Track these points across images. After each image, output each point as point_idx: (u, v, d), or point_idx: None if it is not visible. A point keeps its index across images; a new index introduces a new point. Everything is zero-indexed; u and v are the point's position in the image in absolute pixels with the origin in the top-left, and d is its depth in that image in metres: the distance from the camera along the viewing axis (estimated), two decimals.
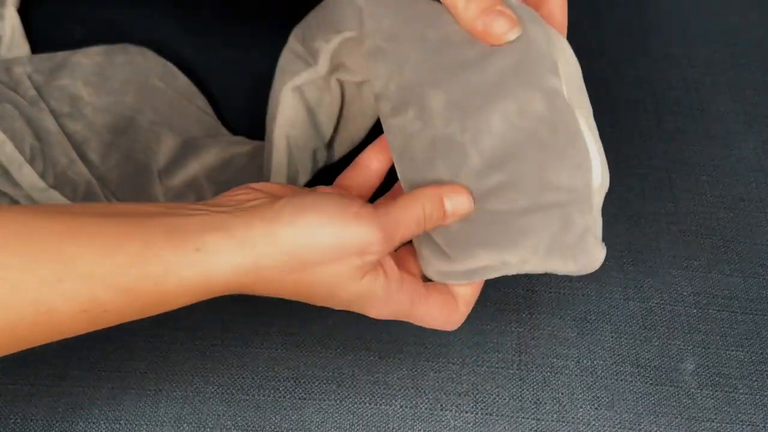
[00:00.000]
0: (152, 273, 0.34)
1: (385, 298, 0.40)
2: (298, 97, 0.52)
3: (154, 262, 0.34)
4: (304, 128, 0.53)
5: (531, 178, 0.39)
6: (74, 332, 0.35)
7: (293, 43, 0.51)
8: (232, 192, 0.39)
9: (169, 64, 0.62)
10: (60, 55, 0.58)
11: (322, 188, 0.43)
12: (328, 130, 0.56)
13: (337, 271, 0.37)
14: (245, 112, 0.63)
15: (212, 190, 0.56)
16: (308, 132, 0.54)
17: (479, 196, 0.40)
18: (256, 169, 0.57)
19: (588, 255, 0.40)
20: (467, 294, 0.44)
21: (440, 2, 0.42)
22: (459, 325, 0.44)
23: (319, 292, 0.38)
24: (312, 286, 0.38)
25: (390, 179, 0.48)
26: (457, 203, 0.40)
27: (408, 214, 0.39)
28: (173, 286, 0.34)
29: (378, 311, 0.41)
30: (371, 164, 0.46)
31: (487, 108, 0.39)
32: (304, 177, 0.56)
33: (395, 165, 0.44)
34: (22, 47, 0.61)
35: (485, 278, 0.42)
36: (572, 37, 0.70)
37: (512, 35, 0.40)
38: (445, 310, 0.43)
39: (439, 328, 0.44)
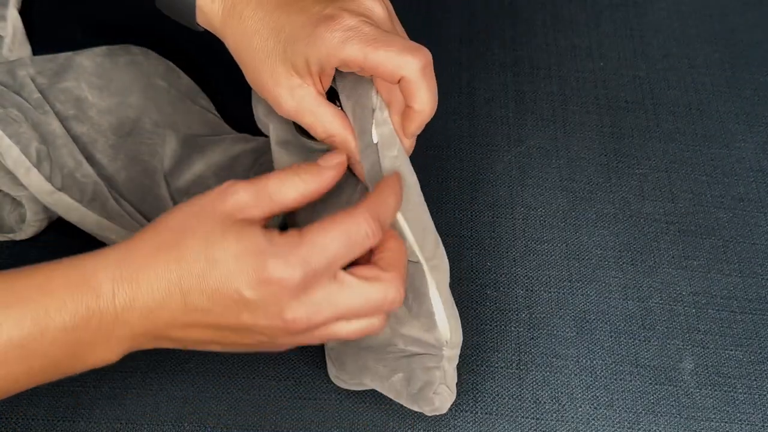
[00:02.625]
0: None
1: (278, 251, 0.38)
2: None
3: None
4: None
5: (389, 327, 0.46)
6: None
7: None
8: None
9: (171, 64, 0.62)
10: (63, 56, 0.58)
11: None
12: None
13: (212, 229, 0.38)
14: (248, 110, 0.63)
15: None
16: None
17: None
18: (261, 167, 0.57)
19: (430, 404, 0.46)
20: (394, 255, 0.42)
21: None
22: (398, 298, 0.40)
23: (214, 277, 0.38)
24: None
25: None
26: None
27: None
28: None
29: (284, 272, 0.37)
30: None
31: None
32: None
33: None
34: (24, 48, 0.61)
35: None
36: (573, 38, 0.71)
37: None
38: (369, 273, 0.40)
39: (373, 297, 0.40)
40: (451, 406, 0.50)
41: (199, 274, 0.38)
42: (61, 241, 0.55)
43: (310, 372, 0.51)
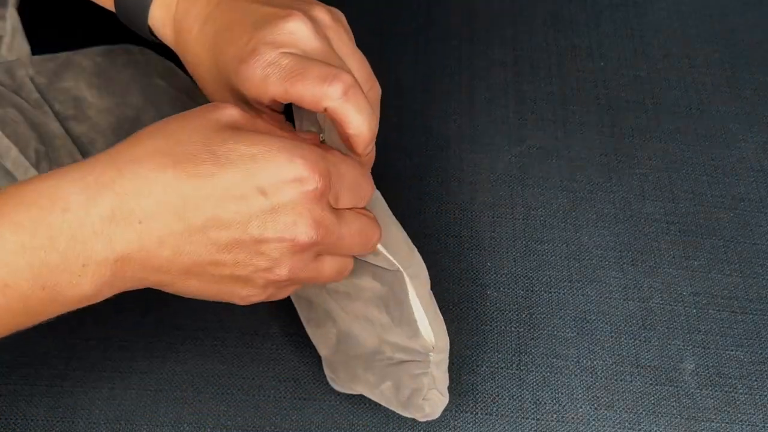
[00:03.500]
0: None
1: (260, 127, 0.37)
2: None
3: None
4: None
5: (375, 335, 0.47)
6: None
7: None
8: None
9: (170, 63, 0.62)
10: (62, 56, 0.58)
11: None
12: None
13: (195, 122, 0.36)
14: None
15: None
16: None
17: (340, 337, 0.48)
18: None
19: (420, 411, 0.45)
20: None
21: None
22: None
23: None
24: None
25: None
26: None
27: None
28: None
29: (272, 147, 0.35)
30: None
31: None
32: None
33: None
34: (23, 47, 0.61)
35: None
36: (573, 37, 0.71)
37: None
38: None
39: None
40: (451, 406, 0.50)
41: (206, 174, 0.34)
42: None
43: (309, 373, 0.51)
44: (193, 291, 0.38)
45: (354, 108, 0.40)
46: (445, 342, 0.46)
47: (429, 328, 0.45)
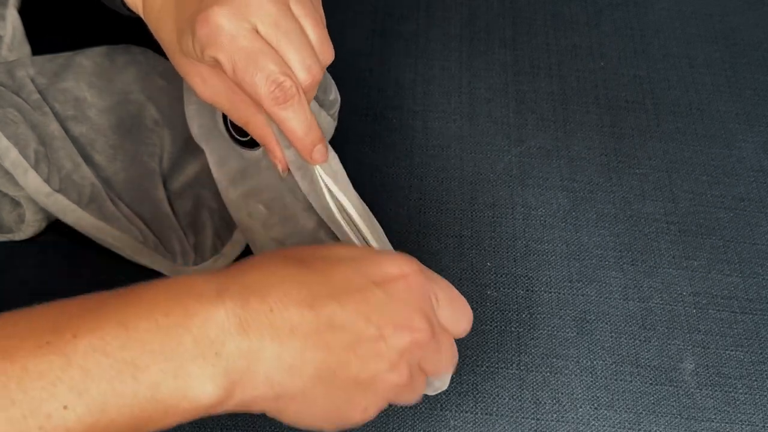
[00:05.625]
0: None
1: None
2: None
3: None
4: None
5: None
6: None
7: None
8: None
9: (171, 63, 0.62)
10: (62, 56, 0.58)
11: None
12: None
13: None
14: None
15: (212, 189, 0.56)
16: None
17: None
18: None
19: (430, 385, 0.43)
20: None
21: None
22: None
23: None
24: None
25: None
26: None
27: None
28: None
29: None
30: None
31: None
32: None
33: None
34: (23, 48, 0.61)
35: None
36: (573, 37, 0.71)
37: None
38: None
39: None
40: (451, 406, 0.50)
41: (323, 271, 0.35)
42: (60, 241, 0.55)
43: None
44: (319, 403, 0.35)
45: (292, 116, 0.41)
46: None
47: None
